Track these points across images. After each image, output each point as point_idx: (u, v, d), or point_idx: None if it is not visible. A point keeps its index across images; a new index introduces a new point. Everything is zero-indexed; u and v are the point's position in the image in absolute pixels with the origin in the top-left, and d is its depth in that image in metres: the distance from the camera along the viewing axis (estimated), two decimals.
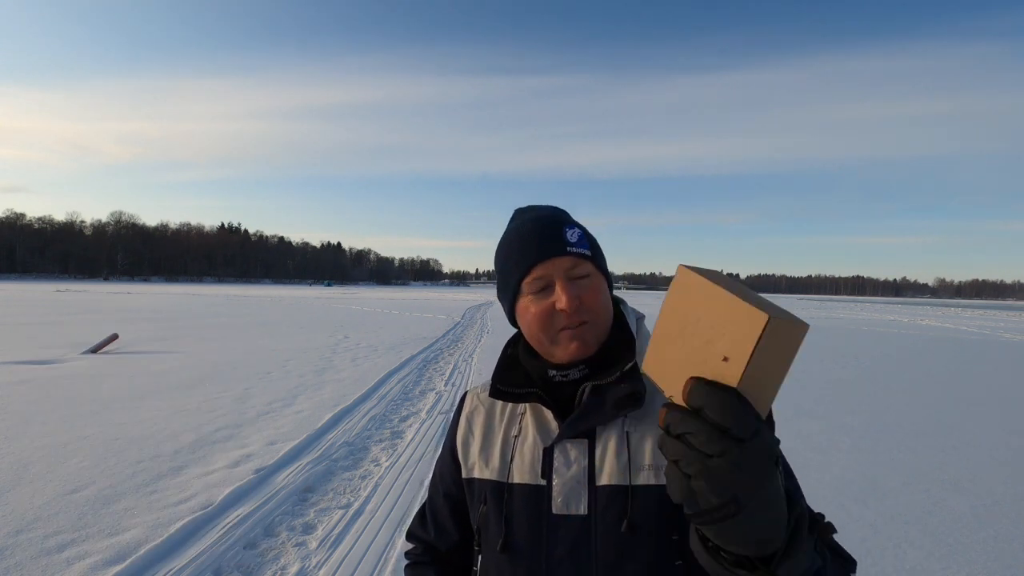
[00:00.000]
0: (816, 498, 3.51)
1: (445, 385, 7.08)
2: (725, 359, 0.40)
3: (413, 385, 7.10)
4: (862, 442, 4.89)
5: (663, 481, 0.66)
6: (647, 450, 0.69)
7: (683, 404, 0.42)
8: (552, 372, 0.75)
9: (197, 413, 5.34)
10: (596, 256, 0.77)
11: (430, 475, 2.82)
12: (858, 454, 4.54)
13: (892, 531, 3.12)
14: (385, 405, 5.89)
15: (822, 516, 0.48)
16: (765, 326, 0.38)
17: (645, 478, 0.68)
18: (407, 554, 0.93)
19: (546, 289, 0.73)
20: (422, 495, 3.46)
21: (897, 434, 5.20)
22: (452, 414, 0.92)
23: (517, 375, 0.80)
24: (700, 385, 0.41)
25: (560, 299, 0.70)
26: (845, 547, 0.60)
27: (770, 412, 0.45)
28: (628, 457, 0.69)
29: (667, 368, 0.45)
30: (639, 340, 0.76)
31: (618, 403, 0.69)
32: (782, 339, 0.39)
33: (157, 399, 5.88)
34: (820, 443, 4.82)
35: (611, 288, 0.80)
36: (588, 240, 0.77)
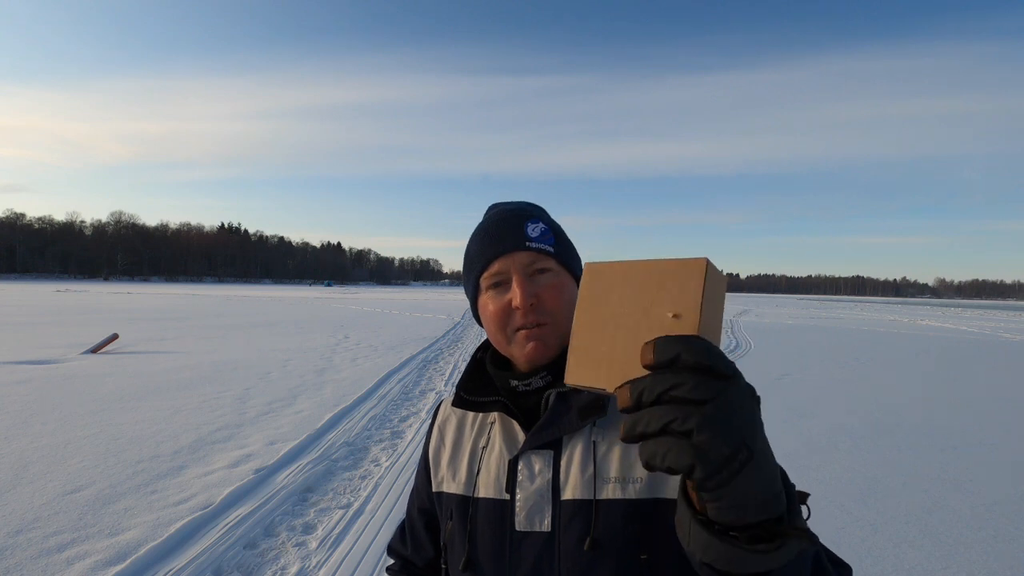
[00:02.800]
0: (816, 498, 3.51)
1: (445, 385, 7.09)
2: (675, 316, 0.40)
3: (413, 385, 7.10)
4: (862, 442, 4.90)
5: (630, 495, 0.63)
6: (614, 461, 0.64)
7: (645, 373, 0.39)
8: (514, 383, 0.71)
9: (197, 413, 5.34)
10: (562, 253, 0.73)
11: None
12: (858, 454, 4.54)
13: (892, 531, 3.12)
14: (385, 405, 5.89)
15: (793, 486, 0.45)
16: (707, 268, 0.39)
17: (611, 491, 0.63)
18: (387, 569, 0.91)
19: (503, 285, 0.70)
20: None
21: (897, 434, 5.20)
22: (428, 424, 0.90)
23: (482, 383, 0.77)
24: (663, 339, 0.38)
25: (515, 296, 0.67)
26: (845, 547, 0.60)
27: None
28: (594, 469, 0.65)
29: (603, 363, 0.42)
30: None
31: (583, 411, 0.65)
32: (716, 279, 0.41)
33: (157, 399, 5.88)
34: (820, 443, 4.82)
35: None
36: (553, 235, 0.73)
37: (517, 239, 0.70)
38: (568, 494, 0.65)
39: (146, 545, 2.74)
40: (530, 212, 0.75)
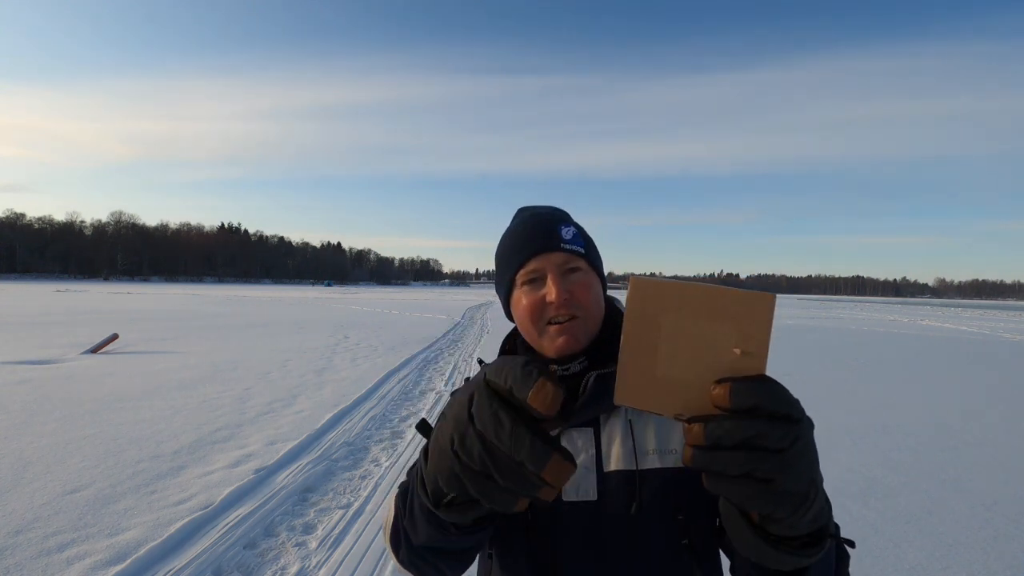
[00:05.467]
0: None
1: (445, 385, 7.09)
2: (742, 352, 0.39)
3: (413, 385, 7.10)
4: (862, 442, 4.90)
5: (668, 464, 0.71)
6: (651, 436, 0.72)
7: (713, 412, 0.41)
8: (554, 367, 0.76)
9: (197, 413, 5.34)
10: (590, 254, 0.79)
11: None
12: (858, 454, 4.54)
13: (892, 531, 3.12)
14: (385, 405, 5.89)
15: None
16: (773, 305, 0.39)
17: (651, 462, 0.71)
18: None
19: (538, 282, 0.76)
20: None
21: (897, 434, 5.20)
22: None
23: None
24: (742, 384, 0.40)
25: (550, 291, 0.73)
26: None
27: None
28: (633, 443, 0.72)
29: (660, 388, 0.42)
30: None
31: None
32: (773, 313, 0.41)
33: (157, 399, 5.88)
34: (820, 443, 4.76)
35: (605, 288, 0.82)
36: (583, 239, 0.79)
37: (552, 240, 0.76)
38: (612, 466, 0.72)
39: (146, 545, 2.74)
40: (562, 216, 0.82)
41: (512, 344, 0.86)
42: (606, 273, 0.84)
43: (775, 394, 0.40)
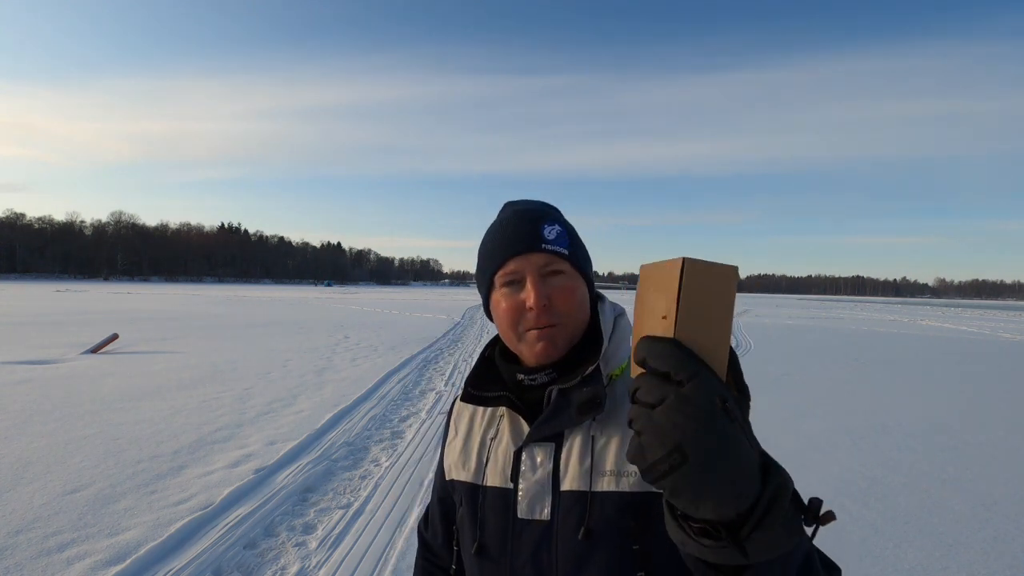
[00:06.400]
0: None
1: (445, 385, 7.09)
2: (664, 317, 0.42)
3: (413, 385, 7.10)
4: (862, 442, 4.90)
5: (623, 488, 0.66)
6: (610, 455, 0.67)
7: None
8: (520, 376, 0.74)
9: (197, 413, 5.34)
10: (575, 256, 0.75)
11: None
12: (858, 454, 4.54)
13: (892, 531, 3.12)
14: (385, 405, 5.89)
15: (819, 501, 0.44)
16: (682, 268, 0.41)
17: (606, 484, 0.66)
18: (418, 549, 0.98)
19: (517, 284, 0.72)
20: (422, 495, 3.47)
21: (897, 434, 5.20)
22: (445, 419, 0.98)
23: (490, 379, 0.80)
24: (642, 340, 0.43)
25: (529, 296, 0.70)
26: (845, 547, 0.58)
27: (739, 375, 0.46)
28: (591, 462, 0.68)
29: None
30: (613, 339, 0.74)
31: (581, 407, 0.67)
32: (707, 281, 0.42)
33: (157, 399, 5.88)
34: (820, 443, 4.83)
35: (592, 289, 0.78)
36: (568, 238, 0.75)
37: (533, 240, 0.72)
38: (567, 485, 0.68)
39: (146, 545, 2.74)
40: (547, 213, 0.77)
41: (492, 350, 0.84)
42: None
43: (658, 351, 0.41)
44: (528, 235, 0.73)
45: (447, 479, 0.83)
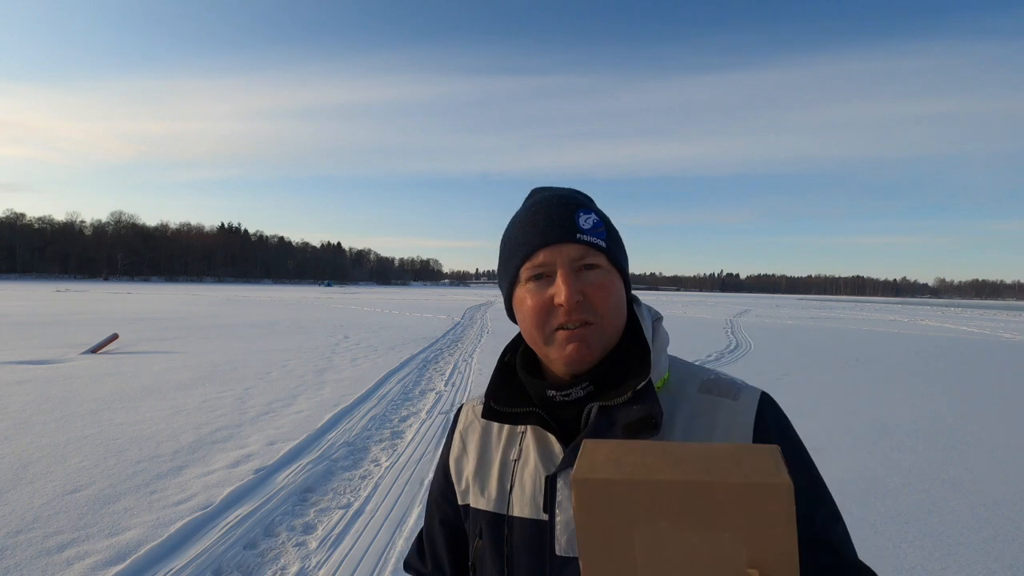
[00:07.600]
0: None
1: (445, 385, 7.09)
2: (759, 574, 0.27)
3: (413, 385, 7.10)
4: (862, 442, 4.90)
5: None
6: None
7: None
8: (551, 393, 0.64)
9: (197, 413, 5.34)
10: (612, 249, 0.66)
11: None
12: (858, 454, 4.54)
13: (892, 531, 3.12)
14: (385, 405, 5.89)
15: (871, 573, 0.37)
16: (791, 496, 0.27)
17: None
18: None
19: (547, 279, 0.63)
20: (422, 495, 3.46)
21: (897, 434, 5.20)
22: (447, 431, 0.87)
23: (513, 391, 0.70)
24: None
25: (559, 292, 0.61)
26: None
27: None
28: None
29: None
30: (655, 349, 0.65)
31: (629, 427, 0.58)
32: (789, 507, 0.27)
33: (157, 399, 5.88)
34: (820, 443, 4.82)
35: (629, 290, 0.69)
36: (606, 230, 0.66)
37: (567, 229, 0.63)
38: None
39: (146, 545, 2.74)
40: (582, 201, 0.68)
41: (512, 355, 0.74)
42: None
43: None
44: (561, 223, 0.64)
45: (461, 503, 0.74)
